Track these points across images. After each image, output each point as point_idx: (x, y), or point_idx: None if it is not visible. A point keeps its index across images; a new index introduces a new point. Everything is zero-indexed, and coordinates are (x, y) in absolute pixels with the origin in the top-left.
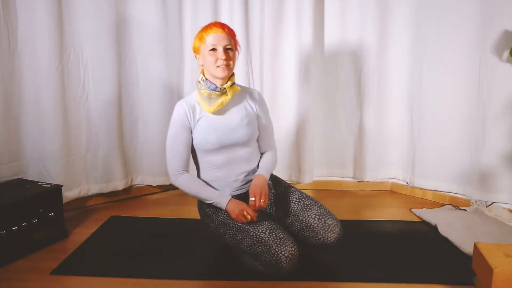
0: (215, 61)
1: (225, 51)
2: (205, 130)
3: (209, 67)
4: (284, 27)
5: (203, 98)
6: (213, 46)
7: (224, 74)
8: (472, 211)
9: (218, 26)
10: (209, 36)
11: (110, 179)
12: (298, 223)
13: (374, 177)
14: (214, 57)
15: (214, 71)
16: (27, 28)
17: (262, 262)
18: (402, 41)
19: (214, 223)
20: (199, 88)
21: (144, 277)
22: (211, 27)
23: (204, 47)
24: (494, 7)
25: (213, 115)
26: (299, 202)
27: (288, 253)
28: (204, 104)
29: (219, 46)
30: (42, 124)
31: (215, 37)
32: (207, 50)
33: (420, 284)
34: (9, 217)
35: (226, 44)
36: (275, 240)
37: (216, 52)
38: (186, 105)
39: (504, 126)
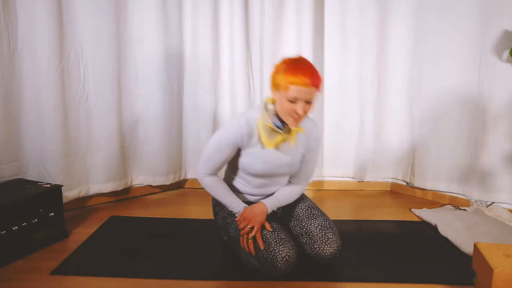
0: (290, 111)
1: (305, 104)
2: (253, 159)
3: (282, 112)
4: (284, 27)
5: (264, 130)
6: (294, 99)
7: (294, 125)
8: (472, 211)
9: (307, 78)
10: (294, 86)
11: (110, 179)
12: (299, 228)
13: (374, 177)
14: (291, 107)
15: (285, 118)
16: (27, 28)
17: (259, 259)
18: (402, 41)
19: (224, 212)
20: (264, 117)
21: (144, 277)
22: (300, 77)
23: (283, 93)
24: (494, 7)
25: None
26: (306, 209)
27: (285, 254)
28: (263, 136)
29: (300, 101)
30: (42, 124)
31: (299, 91)
32: (286, 97)
33: (420, 284)
34: (9, 217)
35: (308, 99)
36: (275, 239)
37: (295, 105)
38: (246, 128)
39: (504, 126)
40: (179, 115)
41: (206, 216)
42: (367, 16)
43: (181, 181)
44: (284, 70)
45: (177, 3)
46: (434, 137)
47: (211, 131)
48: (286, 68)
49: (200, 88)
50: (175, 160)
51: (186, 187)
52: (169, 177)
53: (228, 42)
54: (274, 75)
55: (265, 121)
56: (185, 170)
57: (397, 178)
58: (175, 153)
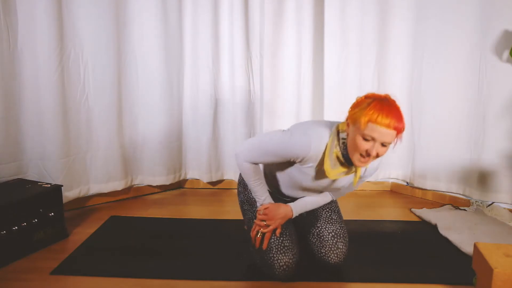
0: (361, 151)
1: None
2: (306, 177)
3: (352, 147)
4: (284, 27)
5: (330, 157)
6: (370, 138)
7: (361, 166)
8: (472, 211)
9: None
10: (373, 125)
11: (110, 179)
12: (314, 227)
13: (374, 177)
14: (363, 146)
15: (353, 156)
16: (27, 28)
17: (260, 258)
18: (402, 41)
19: (245, 195)
20: (333, 145)
21: (144, 277)
22: (383, 117)
23: (358, 128)
24: (494, 7)
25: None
26: (327, 211)
27: (283, 262)
28: (327, 164)
29: (377, 141)
30: (42, 124)
31: (379, 131)
32: (361, 133)
33: (420, 284)
34: (9, 217)
35: (385, 142)
36: (278, 246)
37: (369, 144)
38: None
39: (504, 126)
40: (179, 115)
41: (206, 216)
42: (367, 16)
43: (181, 181)
44: (368, 105)
45: (177, 3)
46: (434, 137)
47: (211, 131)
48: (372, 104)
49: (200, 87)
50: (175, 160)
51: (186, 187)
52: (169, 177)
53: (228, 42)
54: (354, 109)
55: (333, 149)
56: (185, 170)
57: (397, 178)
58: (175, 153)
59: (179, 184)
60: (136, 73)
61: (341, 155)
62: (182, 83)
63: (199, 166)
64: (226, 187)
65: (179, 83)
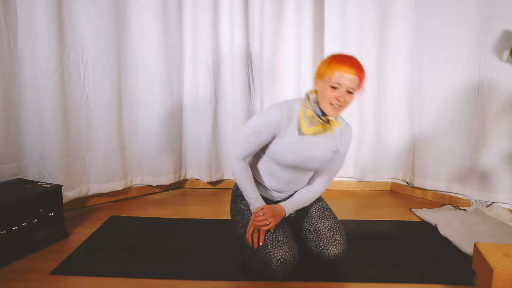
0: (331, 98)
1: (346, 93)
2: (288, 148)
3: (323, 100)
4: (284, 27)
5: (305, 117)
6: (336, 85)
7: (333, 114)
8: (472, 211)
9: (353, 68)
10: (339, 73)
11: (110, 179)
12: (309, 224)
13: (374, 177)
14: (332, 94)
15: (325, 106)
16: (27, 28)
17: (256, 260)
18: (402, 41)
19: (236, 209)
20: (305, 105)
21: (144, 277)
22: (346, 65)
23: (327, 78)
24: (494, 7)
25: (303, 138)
26: (319, 209)
27: (280, 256)
28: (303, 123)
29: (343, 87)
30: (42, 124)
31: (344, 77)
32: (329, 84)
33: (420, 284)
34: (9, 217)
35: (350, 87)
36: (272, 241)
37: (337, 91)
38: (287, 115)
39: (504, 126)
40: (179, 115)
41: (206, 216)
42: (367, 16)
43: (181, 181)
44: (331, 60)
45: (177, 3)
46: (434, 137)
47: (211, 131)
48: (334, 58)
49: (200, 87)
50: (175, 160)
51: (186, 187)
52: (169, 177)
53: (228, 42)
54: (320, 66)
55: (306, 108)
56: (185, 170)
57: (397, 178)
58: (175, 153)
59: (179, 184)
60: (136, 73)
61: (314, 112)
62: (182, 83)
63: (199, 166)
64: (226, 187)
65: (179, 83)
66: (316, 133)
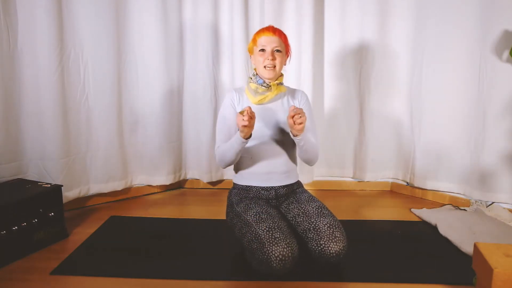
0: (262, 61)
1: (273, 52)
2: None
3: (258, 67)
4: (284, 27)
5: (250, 90)
6: (262, 47)
7: (270, 76)
8: (472, 211)
9: (270, 30)
10: (261, 38)
11: (110, 179)
12: (307, 223)
13: (374, 177)
14: (262, 57)
15: (261, 71)
16: (27, 28)
17: (256, 260)
18: (402, 41)
19: (233, 212)
20: (248, 82)
21: (144, 277)
22: (263, 30)
23: (255, 48)
24: (494, 7)
25: (260, 107)
26: (317, 208)
27: (278, 253)
28: (250, 95)
29: (268, 47)
30: (42, 124)
31: (265, 39)
32: (257, 51)
33: (420, 284)
34: (9, 217)
35: (275, 46)
36: (269, 239)
37: (265, 53)
38: (235, 92)
39: (504, 126)
40: (179, 115)
41: (206, 216)
42: (367, 16)
43: (181, 181)
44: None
45: (177, 3)
46: (434, 137)
47: (211, 131)
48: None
49: (200, 88)
50: (175, 160)
51: (186, 187)
52: (169, 177)
53: (228, 42)
54: (249, 44)
55: (249, 83)
56: (185, 170)
57: (397, 178)
58: (175, 153)
59: (179, 184)
60: (136, 73)
61: (255, 83)
62: (182, 83)
63: (199, 166)
64: (226, 187)
65: (179, 83)
66: (264, 101)
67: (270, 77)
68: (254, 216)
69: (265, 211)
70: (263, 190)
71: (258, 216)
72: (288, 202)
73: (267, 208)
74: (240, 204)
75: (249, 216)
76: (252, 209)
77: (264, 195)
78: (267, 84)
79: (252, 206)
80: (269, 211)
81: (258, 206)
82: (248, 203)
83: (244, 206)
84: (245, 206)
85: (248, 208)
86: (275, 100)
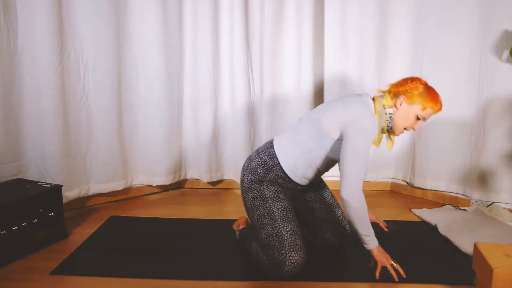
0: (409, 126)
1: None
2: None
3: (401, 122)
4: (284, 27)
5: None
6: (422, 118)
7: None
8: (472, 211)
9: (441, 108)
10: (430, 110)
11: (110, 179)
12: (325, 213)
13: (374, 177)
14: (414, 123)
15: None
16: (27, 28)
17: (269, 256)
18: (402, 41)
19: (258, 191)
20: (382, 117)
21: (144, 277)
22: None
23: (417, 110)
24: (494, 7)
25: None
26: (331, 197)
27: (295, 260)
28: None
29: (427, 120)
30: (42, 124)
31: (430, 115)
32: (415, 114)
33: (420, 284)
34: (9, 217)
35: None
36: (291, 244)
37: (419, 122)
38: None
39: (504, 126)
40: (179, 115)
41: (206, 216)
42: (367, 17)
43: (181, 181)
44: (427, 93)
45: (177, 3)
46: (434, 137)
47: (211, 131)
48: (429, 92)
49: (200, 88)
50: (175, 160)
51: (186, 187)
52: (169, 177)
53: (228, 42)
54: (414, 91)
55: (381, 121)
56: (185, 170)
57: (397, 178)
58: (175, 153)
59: (179, 184)
60: (136, 73)
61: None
62: (182, 83)
63: (199, 166)
64: (226, 187)
65: (179, 83)
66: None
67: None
68: (282, 212)
69: (292, 209)
70: (298, 186)
71: (285, 212)
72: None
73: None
74: (271, 186)
75: (276, 209)
76: (281, 201)
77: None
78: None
79: (281, 197)
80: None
81: (286, 200)
82: (279, 191)
83: (274, 192)
84: (275, 193)
85: (277, 197)
86: None
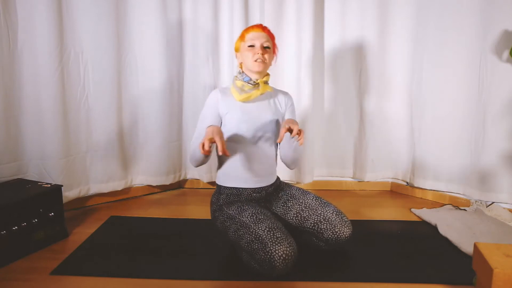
0: (252, 56)
1: (262, 48)
2: (236, 119)
3: (247, 62)
4: (284, 27)
5: (235, 88)
6: (251, 43)
7: (260, 69)
8: (472, 211)
9: (258, 27)
10: (249, 34)
11: (110, 179)
12: (316, 216)
13: (374, 177)
14: (251, 52)
15: (251, 66)
16: (27, 28)
17: (257, 260)
18: (402, 41)
19: (224, 216)
20: (234, 80)
21: (144, 277)
22: (253, 27)
23: (243, 44)
24: (494, 7)
25: (246, 106)
26: (316, 199)
27: (282, 252)
28: (235, 92)
29: (257, 42)
30: (42, 124)
31: (254, 35)
32: (246, 47)
33: (420, 284)
34: (9, 217)
35: (264, 41)
36: (271, 239)
37: (254, 48)
38: (220, 92)
39: (504, 126)
40: (179, 115)
41: (206, 216)
42: (367, 17)
43: (181, 181)
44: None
45: (177, 3)
46: (434, 137)
47: None
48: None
49: (200, 88)
50: (175, 160)
51: (186, 187)
52: (169, 177)
53: (228, 42)
54: (235, 43)
55: (235, 81)
56: (185, 170)
57: (397, 178)
58: (175, 153)
59: (179, 184)
60: (136, 73)
61: (242, 80)
62: (182, 83)
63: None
64: None
65: (179, 83)
66: (249, 99)
67: (260, 70)
68: (251, 217)
69: (260, 212)
70: (255, 193)
71: (255, 217)
72: (281, 200)
73: (261, 209)
74: (231, 206)
75: (245, 218)
76: (247, 210)
77: (256, 197)
78: (253, 82)
79: (245, 208)
80: (263, 211)
81: (251, 207)
82: (241, 205)
83: (236, 208)
84: (238, 208)
85: (241, 210)
86: (261, 100)
